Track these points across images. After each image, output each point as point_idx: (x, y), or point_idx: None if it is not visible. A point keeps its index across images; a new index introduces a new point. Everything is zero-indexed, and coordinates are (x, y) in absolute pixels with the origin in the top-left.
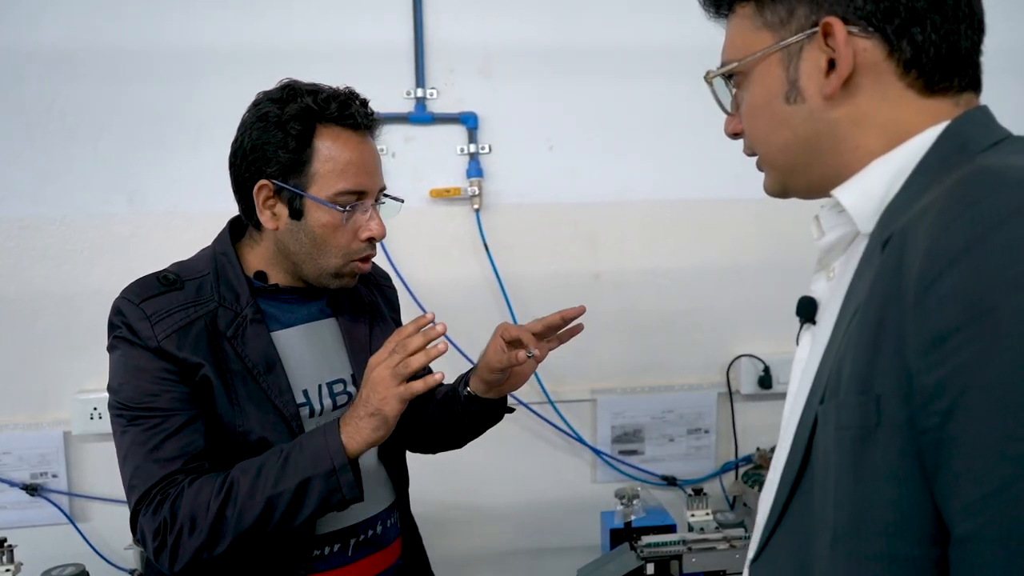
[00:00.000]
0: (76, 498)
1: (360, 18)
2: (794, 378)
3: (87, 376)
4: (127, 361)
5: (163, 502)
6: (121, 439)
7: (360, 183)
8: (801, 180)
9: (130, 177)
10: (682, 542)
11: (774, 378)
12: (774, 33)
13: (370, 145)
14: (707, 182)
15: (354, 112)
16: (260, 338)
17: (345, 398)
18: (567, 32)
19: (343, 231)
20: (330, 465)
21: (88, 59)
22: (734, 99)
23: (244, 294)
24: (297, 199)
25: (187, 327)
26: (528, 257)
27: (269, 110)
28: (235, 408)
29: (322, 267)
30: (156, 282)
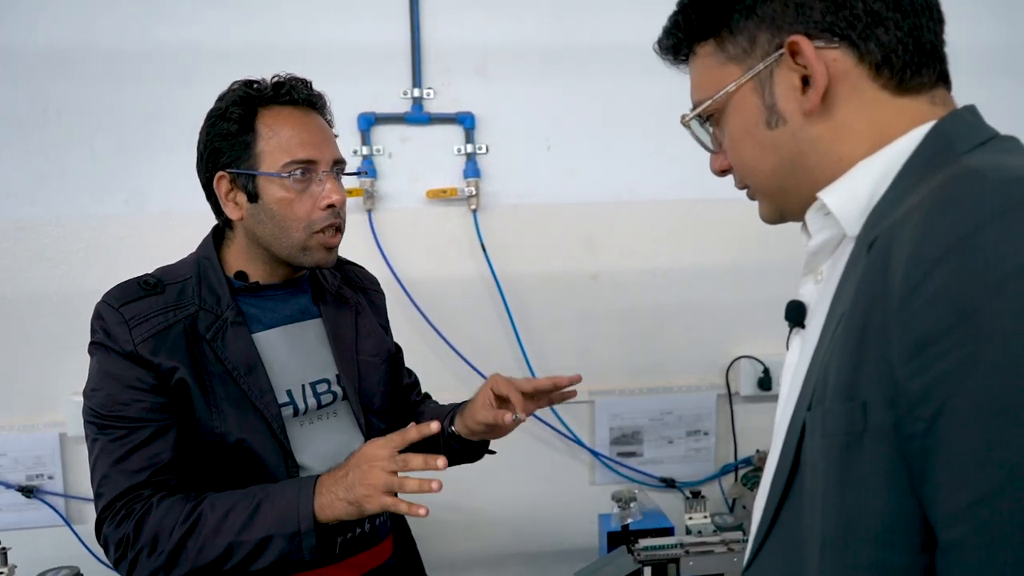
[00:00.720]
0: (72, 500)
1: (357, 18)
2: (784, 383)
3: (82, 377)
4: (101, 367)
5: (128, 517)
6: (92, 445)
7: (307, 152)
8: (794, 201)
9: (126, 178)
10: (679, 545)
11: (774, 380)
12: (740, 64)
13: (314, 118)
14: (706, 182)
15: (290, 89)
16: (241, 340)
17: (330, 397)
18: (564, 32)
19: (300, 202)
20: (295, 527)
21: (84, 59)
22: (714, 137)
23: (225, 296)
24: (250, 181)
25: (165, 331)
26: (526, 258)
27: (214, 108)
28: (213, 410)
29: (289, 245)
30: (137, 286)
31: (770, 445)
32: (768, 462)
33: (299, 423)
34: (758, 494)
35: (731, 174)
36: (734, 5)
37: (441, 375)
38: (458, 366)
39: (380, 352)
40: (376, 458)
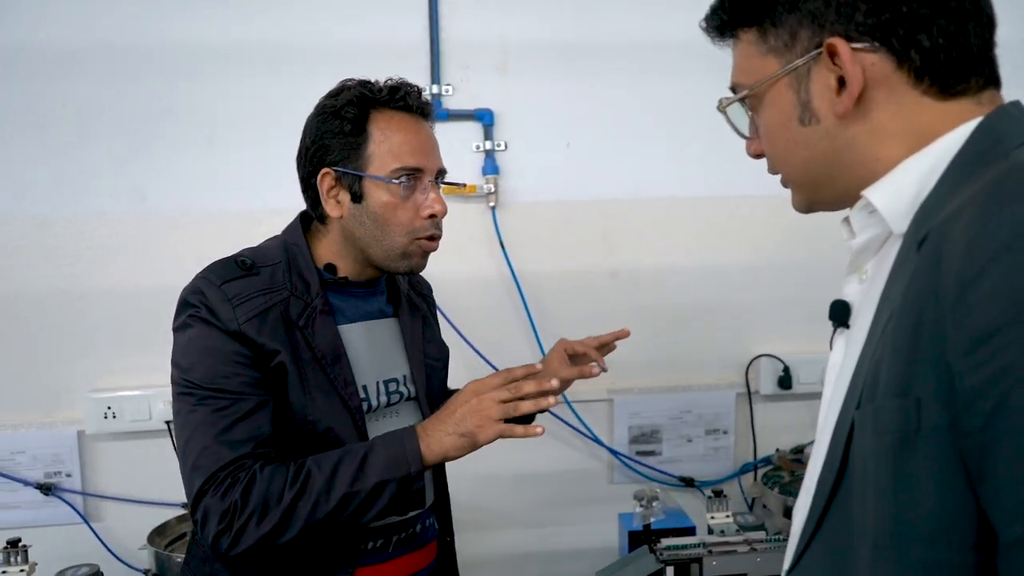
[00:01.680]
0: (90, 498)
1: (375, 13)
2: (828, 383)
3: (100, 375)
4: (201, 341)
5: (233, 486)
6: (187, 418)
7: (416, 161)
8: (826, 194)
9: (143, 176)
10: (702, 545)
11: (794, 378)
12: (779, 57)
13: (425, 127)
14: (725, 178)
15: (405, 95)
16: (328, 329)
17: (398, 396)
18: (583, 28)
19: (403, 209)
20: (407, 471)
21: (101, 57)
22: (751, 121)
23: (315, 284)
24: (357, 182)
25: (265, 312)
26: (544, 255)
27: (325, 103)
28: (307, 396)
29: (388, 248)
30: (235, 265)
31: (792, 443)
32: (812, 463)
33: (370, 419)
34: (800, 495)
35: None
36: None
37: (458, 372)
38: (476, 363)
39: (442, 357)
40: (486, 388)
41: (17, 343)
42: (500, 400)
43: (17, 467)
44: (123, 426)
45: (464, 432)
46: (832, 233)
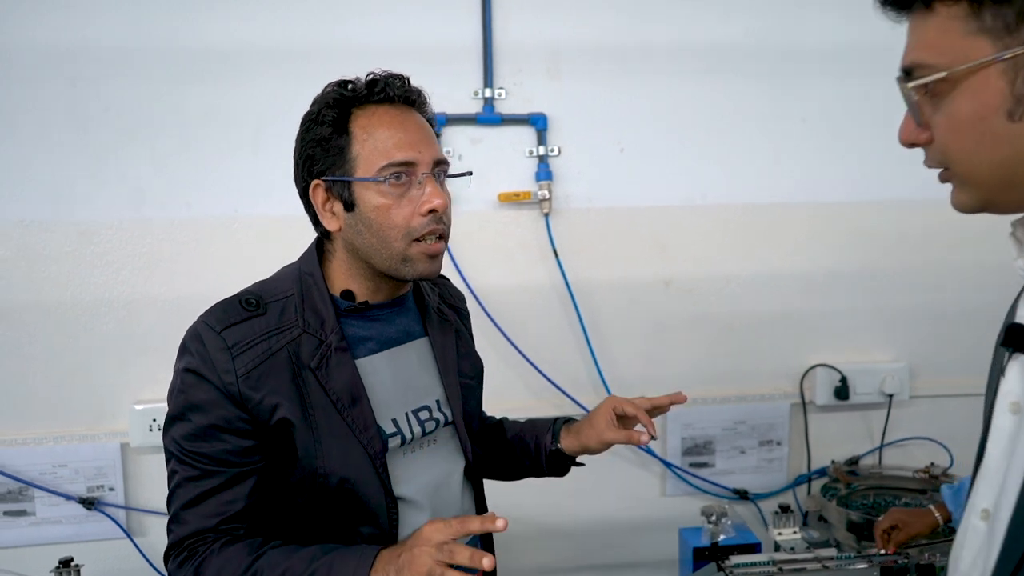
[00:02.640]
0: (133, 512)
1: (427, 16)
2: (1001, 413)
3: (145, 386)
4: (190, 396)
5: (189, 559)
6: (170, 476)
7: (404, 154)
8: (1015, 196)
9: (187, 181)
10: (771, 562)
11: (851, 388)
12: (995, 41)
13: (412, 117)
14: (780, 185)
15: (385, 87)
16: (345, 368)
17: (433, 424)
18: (637, 31)
19: (398, 209)
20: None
21: (144, 59)
22: (918, 106)
23: (329, 319)
24: (346, 189)
25: (269, 360)
26: (597, 263)
27: (308, 110)
28: (316, 445)
29: (389, 255)
30: (239, 306)
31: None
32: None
33: (403, 452)
34: (963, 535)
35: (921, 148)
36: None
37: (511, 383)
38: (528, 373)
39: (477, 374)
40: (428, 542)
41: (59, 353)
42: (435, 560)
43: (59, 481)
44: None
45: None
46: (888, 242)
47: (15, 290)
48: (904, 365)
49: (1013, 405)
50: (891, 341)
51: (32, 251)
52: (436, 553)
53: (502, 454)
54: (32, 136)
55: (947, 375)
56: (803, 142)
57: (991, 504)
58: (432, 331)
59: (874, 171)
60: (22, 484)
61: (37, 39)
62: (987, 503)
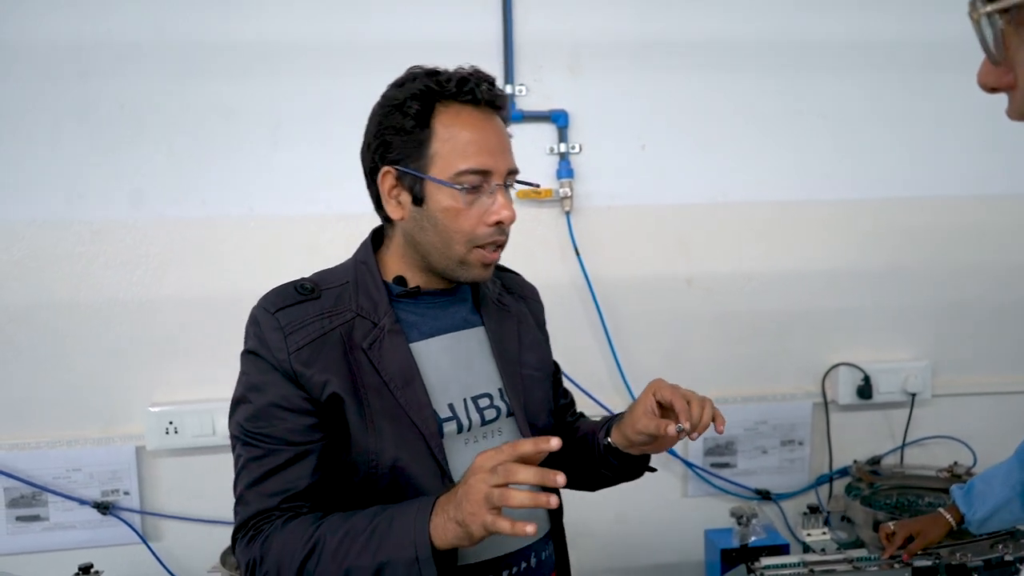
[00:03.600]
0: (149, 516)
1: (448, 12)
2: None
3: (160, 388)
4: (251, 378)
5: (256, 537)
6: (235, 455)
7: (482, 162)
8: None
9: (203, 179)
10: (802, 564)
11: (875, 388)
12: None
13: (495, 123)
14: (801, 182)
15: (473, 88)
16: (398, 350)
17: (493, 412)
18: (658, 27)
19: (467, 215)
20: (412, 554)
21: (158, 54)
22: (1001, 40)
23: (382, 303)
24: (418, 183)
25: (321, 339)
26: (618, 261)
27: (389, 94)
28: (368, 425)
29: (447, 256)
30: (294, 291)
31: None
32: None
33: (463, 440)
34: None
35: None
36: None
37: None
38: None
39: (543, 366)
40: (480, 469)
41: (73, 355)
42: (489, 486)
43: (73, 485)
44: (185, 441)
45: (460, 520)
46: (910, 240)
47: (27, 291)
48: (927, 363)
49: None
50: (913, 339)
51: (44, 251)
52: (490, 478)
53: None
54: (43, 133)
55: (969, 373)
56: (823, 139)
57: None
58: (488, 320)
59: (895, 167)
60: (35, 489)
61: (47, 34)
62: None
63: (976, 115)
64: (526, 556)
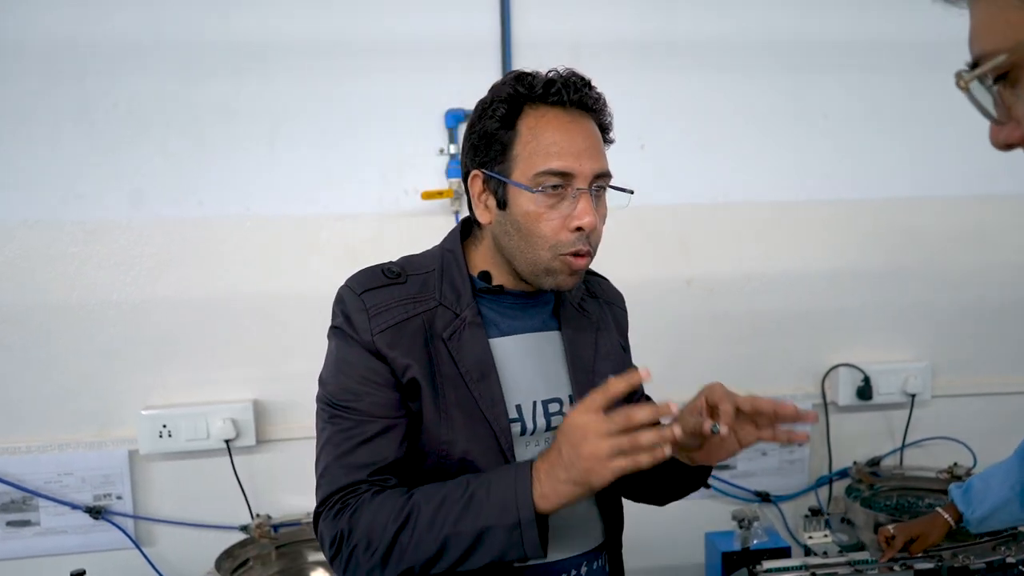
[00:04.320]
0: (142, 521)
1: (445, 10)
2: None
3: (154, 391)
4: (338, 354)
5: (342, 511)
6: (320, 433)
7: (564, 164)
8: None
9: (200, 179)
10: (804, 567)
11: (874, 389)
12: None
13: (582, 125)
14: (800, 183)
15: (560, 88)
16: (477, 343)
17: (560, 419)
18: (658, 25)
19: (548, 220)
20: (515, 518)
21: (154, 53)
22: (999, 101)
23: (466, 295)
24: (501, 187)
25: (403, 323)
26: (617, 261)
27: (485, 97)
28: (442, 415)
29: (533, 262)
30: (381, 274)
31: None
32: None
33: (525, 443)
34: None
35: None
36: None
37: None
38: None
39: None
40: (585, 426)
41: (65, 357)
42: (613, 445)
43: (64, 490)
44: (179, 445)
45: (578, 480)
46: (909, 240)
47: (20, 291)
48: (926, 364)
49: None
50: (913, 340)
51: (37, 251)
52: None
53: None
54: (38, 133)
55: (969, 374)
56: (824, 139)
57: None
58: (566, 326)
59: (895, 168)
60: (26, 493)
61: (46, 34)
62: None
63: (975, 115)
64: (578, 565)
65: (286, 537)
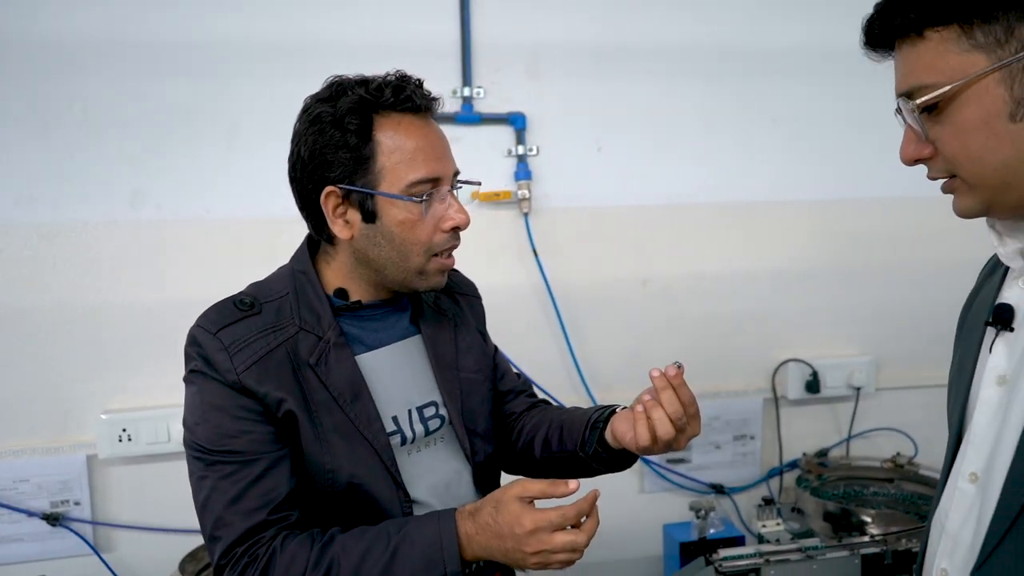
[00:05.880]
0: (101, 527)
1: (405, 14)
2: (987, 385)
3: (113, 394)
4: (204, 398)
5: (251, 564)
6: (199, 484)
7: (433, 169)
8: (1012, 197)
9: (157, 181)
10: (758, 554)
11: (822, 383)
12: (989, 54)
13: (435, 128)
14: (755, 185)
15: (411, 94)
16: (344, 363)
17: (437, 422)
18: (616, 31)
19: (423, 225)
20: (443, 571)
21: (111, 53)
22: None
23: (326, 316)
24: (368, 200)
25: (268, 356)
26: (575, 262)
27: (321, 111)
28: (322, 443)
29: (405, 269)
30: (233, 307)
31: (818, 447)
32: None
33: (407, 452)
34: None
35: (924, 164)
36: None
37: None
38: None
39: (482, 368)
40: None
41: (21, 361)
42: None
43: (20, 497)
44: (139, 449)
45: (516, 563)
46: (857, 240)
47: None
48: (870, 359)
49: (999, 378)
50: (857, 336)
51: None
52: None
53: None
54: None
55: (910, 368)
56: (773, 143)
57: (981, 468)
58: (425, 328)
59: (839, 170)
60: None
61: None
62: (976, 467)
63: None
64: None
65: None
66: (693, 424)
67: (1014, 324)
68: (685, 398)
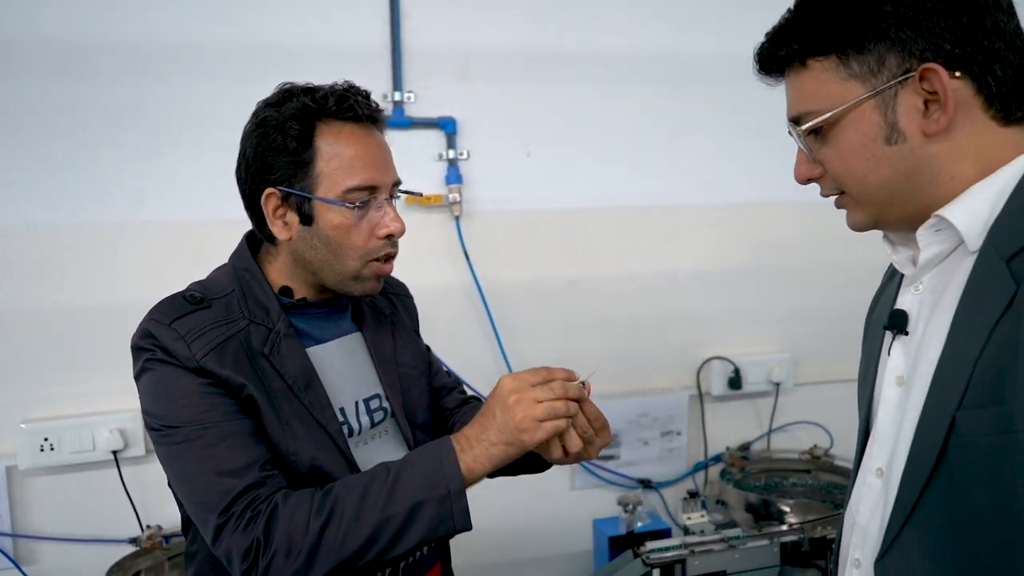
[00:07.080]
0: (22, 539)
1: (335, 18)
2: (888, 386)
3: (34, 403)
4: (167, 383)
5: (254, 519)
6: (178, 462)
7: (369, 177)
8: (896, 212)
9: (85, 184)
10: (683, 545)
11: (743, 379)
12: (864, 83)
13: (376, 137)
14: (680, 188)
15: (353, 104)
16: (296, 352)
17: (381, 414)
18: (546, 38)
19: (358, 231)
20: (445, 490)
21: (33, 52)
22: (809, 144)
23: (274, 308)
24: (306, 203)
25: (223, 345)
26: (506, 264)
27: (267, 115)
28: (284, 428)
29: (341, 273)
30: (184, 301)
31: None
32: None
33: (354, 444)
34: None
35: (816, 183)
36: (866, 27)
37: None
38: None
39: (418, 364)
40: (519, 390)
41: None
42: (538, 400)
43: None
44: (62, 458)
45: (509, 440)
46: (774, 242)
47: None
48: (789, 356)
49: (898, 379)
50: (776, 334)
51: None
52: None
53: None
54: None
55: (826, 364)
56: (696, 148)
57: (885, 464)
58: (365, 327)
59: (759, 176)
60: None
61: None
62: (881, 463)
63: None
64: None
65: (179, 547)
66: (602, 435)
67: (908, 328)
68: (590, 414)
